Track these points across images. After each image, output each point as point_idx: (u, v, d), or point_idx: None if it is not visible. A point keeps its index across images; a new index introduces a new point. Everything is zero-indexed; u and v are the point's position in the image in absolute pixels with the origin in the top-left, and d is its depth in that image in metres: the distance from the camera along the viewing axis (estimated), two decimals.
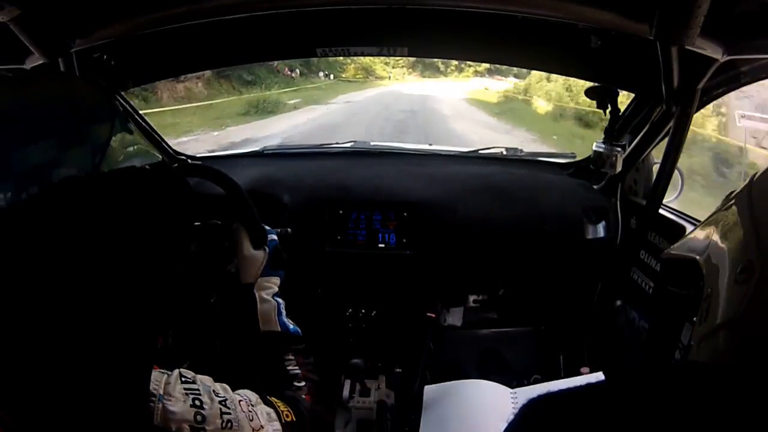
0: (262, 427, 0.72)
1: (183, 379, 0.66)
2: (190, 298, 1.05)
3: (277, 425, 0.75)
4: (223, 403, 0.68)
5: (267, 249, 1.06)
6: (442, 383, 1.40)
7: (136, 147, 0.68)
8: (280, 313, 0.99)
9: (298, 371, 0.93)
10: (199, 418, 0.64)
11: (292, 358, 0.95)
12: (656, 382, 0.42)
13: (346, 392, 1.58)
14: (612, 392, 0.44)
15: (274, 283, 1.04)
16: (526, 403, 0.44)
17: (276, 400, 0.80)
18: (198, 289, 1.07)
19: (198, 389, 0.66)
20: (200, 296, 1.08)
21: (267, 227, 1.16)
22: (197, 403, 0.65)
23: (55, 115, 0.60)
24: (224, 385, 0.72)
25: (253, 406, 0.73)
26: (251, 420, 0.70)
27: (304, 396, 0.89)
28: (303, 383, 0.91)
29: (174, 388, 0.64)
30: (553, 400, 0.43)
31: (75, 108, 0.63)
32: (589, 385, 0.43)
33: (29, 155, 0.56)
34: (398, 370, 1.70)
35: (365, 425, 1.52)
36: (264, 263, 1.03)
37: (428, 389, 1.37)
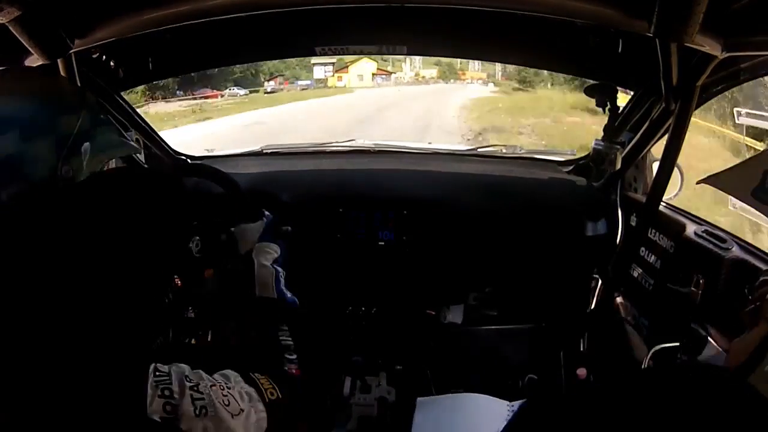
0: (241, 410, 0.69)
1: (157, 373, 0.64)
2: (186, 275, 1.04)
3: (260, 405, 0.72)
4: (195, 388, 0.65)
5: (264, 220, 1.06)
6: (435, 396, 1.39)
7: (108, 139, 0.68)
8: (278, 281, 0.97)
9: (291, 342, 0.90)
10: (168, 408, 0.62)
11: (286, 328, 0.92)
12: (652, 383, 0.42)
13: (346, 389, 1.59)
14: (608, 393, 0.44)
15: (273, 249, 1.03)
16: (524, 402, 0.44)
17: (260, 376, 0.76)
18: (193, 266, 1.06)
19: (168, 379, 0.64)
20: (195, 272, 1.08)
21: (266, 211, 1.16)
22: (166, 393, 0.63)
23: (18, 108, 0.61)
24: (198, 371, 0.69)
25: (229, 389, 0.70)
26: (227, 405, 0.67)
27: (294, 370, 0.86)
28: (294, 355, 0.88)
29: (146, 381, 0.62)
30: (550, 401, 0.43)
31: (39, 100, 0.63)
32: (586, 386, 0.43)
33: None
34: (399, 367, 1.71)
35: (366, 422, 1.53)
36: (260, 232, 1.04)
37: (421, 401, 1.37)
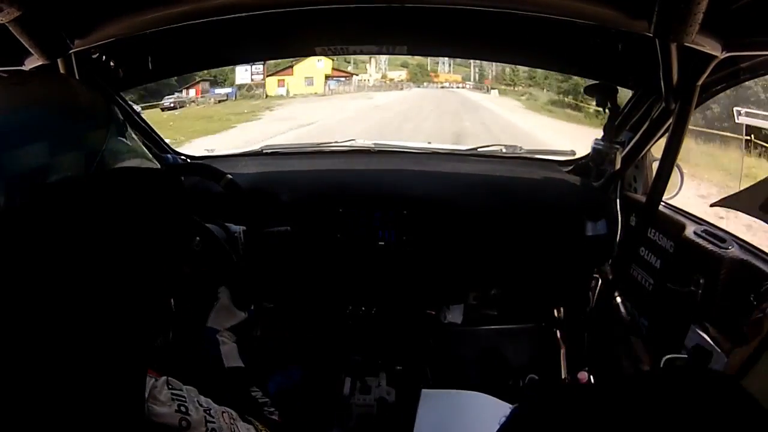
0: None
1: (170, 385, 0.66)
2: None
3: None
4: (208, 412, 0.68)
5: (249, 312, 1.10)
6: (441, 390, 1.40)
7: (133, 154, 0.65)
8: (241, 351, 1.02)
9: (267, 399, 0.94)
10: (184, 423, 0.64)
11: (257, 389, 0.96)
12: (650, 384, 0.42)
13: (346, 389, 1.59)
14: (601, 394, 0.44)
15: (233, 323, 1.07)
16: (518, 405, 0.44)
17: (253, 419, 0.80)
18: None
19: (184, 396, 0.66)
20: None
21: (231, 224, 1.16)
22: (183, 409, 0.65)
23: (49, 118, 0.58)
24: (207, 399, 0.72)
25: (234, 420, 0.73)
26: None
27: (276, 417, 0.90)
28: (273, 409, 0.92)
29: (161, 392, 0.64)
30: (545, 402, 0.43)
31: (70, 111, 0.60)
32: (582, 387, 0.43)
33: (20, 157, 0.54)
34: (399, 367, 1.71)
35: (365, 422, 1.53)
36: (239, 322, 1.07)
37: (426, 393, 1.37)
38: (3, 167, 0.54)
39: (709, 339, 1.15)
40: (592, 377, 1.59)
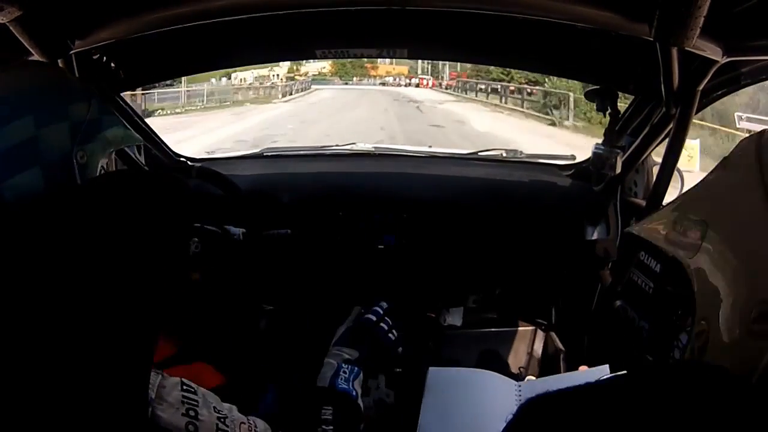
0: None
1: (184, 387, 0.63)
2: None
3: None
4: (222, 420, 0.64)
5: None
6: (448, 368, 1.39)
7: (115, 127, 0.71)
8: (336, 376, 0.98)
9: (331, 428, 0.89)
10: (191, 428, 0.61)
11: (330, 411, 0.91)
12: (661, 380, 0.42)
13: None
14: (612, 392, 0.43)
15: (347, 353, 1.03)
16: (525, 402, 0.43)
17: None
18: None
19: (197, 401, 0.63)
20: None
21: (231, 227, 1.15)
22: (191, 413, 0.62)
23: (32, 96, 0.63)
24: (232, 405, 0.69)
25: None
26: None
27: None
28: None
29: (169, 394, 0.62)
30: (552, 400, 0.43)
31: (52, 89, 0.66)
32: (588, 384, 0.42)
33: (8, 134, 0.60)
34: (398, 369, 1.70)
35: (364, 424, 1.52)
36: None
37: (433, 371, 1.36)
38: None
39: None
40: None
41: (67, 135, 0.63)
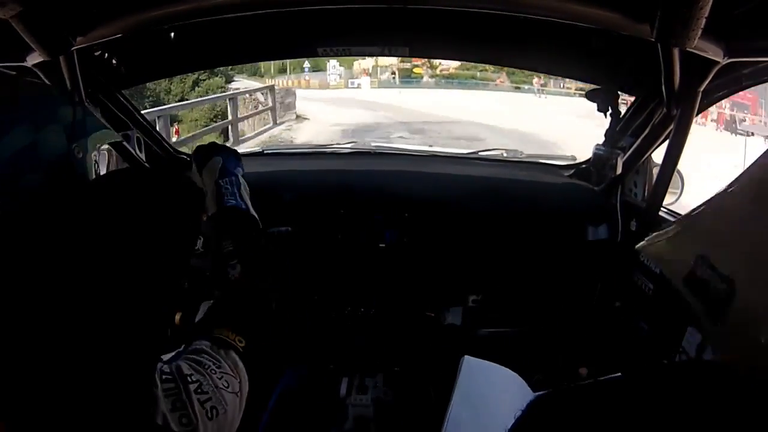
0: (238, 383, 0.69)
1: (164, 377, 0.62)
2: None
3: (240, 364, 0.71)
4: (199, 390, 0.64)
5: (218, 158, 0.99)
6: (483, 360, 1.38)
7: (99, 125, 0.79)
8: (221, 195, 0.91)
9: (232, 248, 0.85)
10: (185, 420, 0.61)
11: (229, 239, 0.85)
12: (667, 380, 0.42)
13: (343, 389, 1.59)
14: (618, 390, 0.44)
15: (215, 167, 0.96)
16: (534, 399, 0.43)
17: (224, 330, 0.74)
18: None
19: (175, 388, 0.62)
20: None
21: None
22: (178, 405, 0.61)
23: (23, 107, 0.68)
24: (192, 357, 0.68)
25: (220, 368, 0.68)
26: (227, 387, 0.67)
27: (236, 275, 0.83)
28: (235, 260, 0.84)
29: (158, 390, 0.61)
30: (560, 397, 0.43)
31: (35, 95, 0.72)
32: (594, 383, 0.42)
33: (11, 138, 0.65)
34: (397, 368, 1.71)
35: (362, 423, 1.53)
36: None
37: (468, 360, 1.36)
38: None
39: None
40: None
41: (62, 134, 0.70)
